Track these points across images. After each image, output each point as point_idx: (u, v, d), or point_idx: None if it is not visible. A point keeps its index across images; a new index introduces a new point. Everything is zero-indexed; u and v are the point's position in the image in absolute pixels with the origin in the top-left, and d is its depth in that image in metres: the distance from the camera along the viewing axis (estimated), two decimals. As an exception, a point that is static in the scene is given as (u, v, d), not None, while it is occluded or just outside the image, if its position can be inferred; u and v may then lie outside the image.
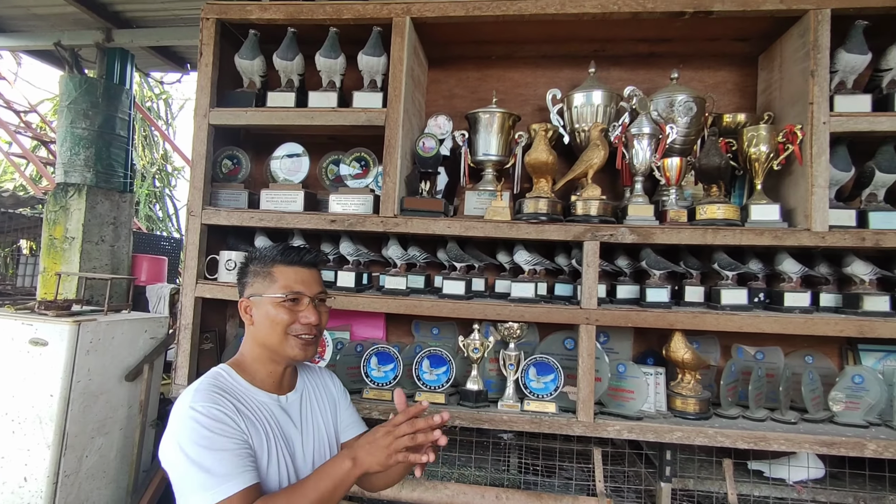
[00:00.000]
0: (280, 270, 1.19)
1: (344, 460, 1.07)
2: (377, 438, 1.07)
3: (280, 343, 1.17)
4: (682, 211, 1.88)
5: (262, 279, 1.20)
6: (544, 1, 1.92)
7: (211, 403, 1.06)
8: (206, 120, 2.09)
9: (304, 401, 1.27)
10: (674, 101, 1.98)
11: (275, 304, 1.17)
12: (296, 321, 1.17)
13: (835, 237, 1.78)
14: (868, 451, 1.74)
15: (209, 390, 1.09)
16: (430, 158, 2.01)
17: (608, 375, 1.93)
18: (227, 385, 1.14)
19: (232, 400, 1.10)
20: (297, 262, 1.21)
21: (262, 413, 1.15)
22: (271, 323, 1.17)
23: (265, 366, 1.20)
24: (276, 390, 1.21)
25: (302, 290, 1.19)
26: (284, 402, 1.22)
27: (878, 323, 1.78)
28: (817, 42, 1.80)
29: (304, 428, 1.23)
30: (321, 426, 1.27)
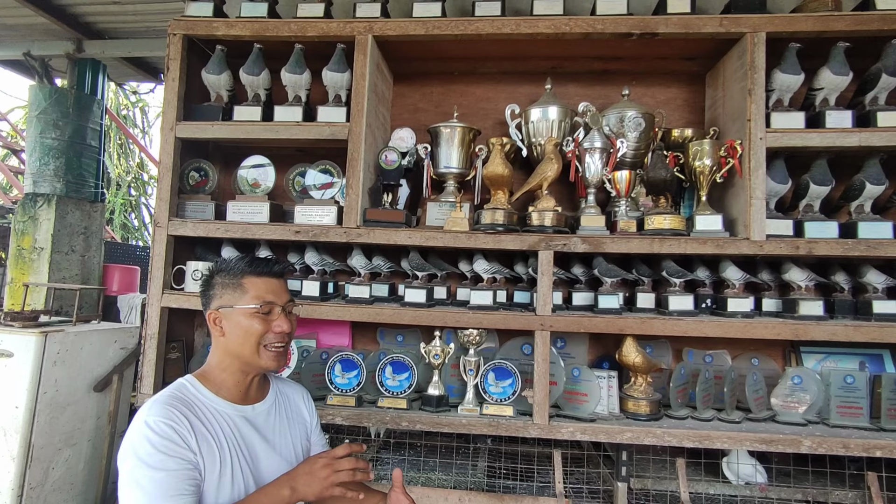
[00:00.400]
0: (250, 281, 1.21)
1: (283, 488, 1.10)
2: (316, 470, 1.11)
3: (253, 354, 1.18)
4: (631, 221, 1.98)
5: (231, 290, 1.20)
6: (500, 21, 2.02)
7: (164, 419, 1.07)
8: (173, 133, 2.13)
9: (273, 413, 1.28)
10: (624, 116, 2.08)
11: (248, 314, 1.18)
12: (269, 331, 1.19)
13: (772, 245, 1.90)
14: (804, 448, 1.84)
15: (168, 404, 1.10)
16: (393, 171, 2.08)
17: (563, 379, 2.01)
18: (190, 397, 1.15)
19: (189, 415, 1.11)
20: (266, 273, 1.23)
21: (223, 425, 1.15)
22: (245, 333, 1.18)
23: (233, 376, 1.21)
24: (242, 401, 1.22)
25: (273, 300, 1.21)
26: (251, 412, 1.23)
27: (812, 326, 1.89)
28: (754, 63, 1.93)
29: (271, 439, 1.24)
30: (289, 440, 1.28)
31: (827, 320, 1.93)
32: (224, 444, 1.14)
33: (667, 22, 1.97)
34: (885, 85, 1.94)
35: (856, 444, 1.82)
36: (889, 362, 2.18)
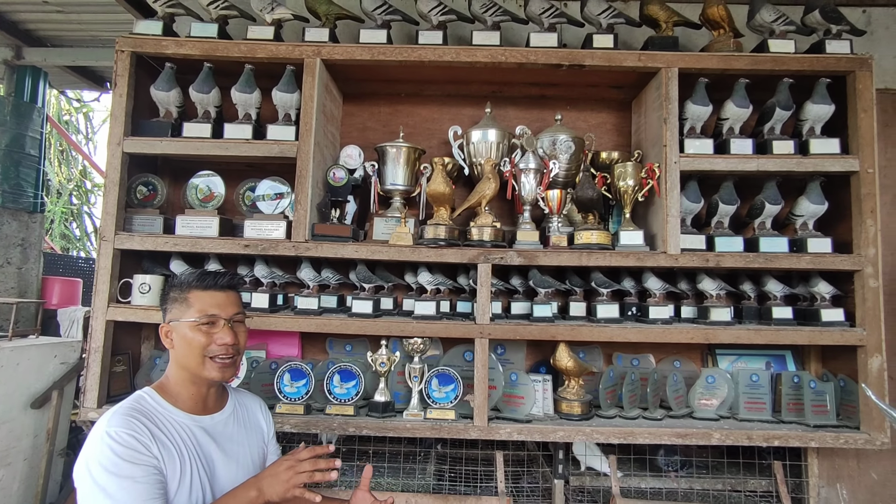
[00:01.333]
0: (195, 295, 1.25)
1: (250, 489, 1.16)
2: (279, 472, 1.18)
3: (198, 365, 1.23)
4: (562, 236, 2.15)
5: (179, 304, 1.26)
6: (441, 49, 2.16)
7: (126, 429, 1.11)
8: (121, 148, 2.15)
9: (231, 423, 1.32)
10: (556, 140, 2.27)
11: (191, 327, 1.23)
12: (212, 343, 1.23)
13: (686, 258, 2.11)
14: (714, 440, 2.05)
15: (127, 414, 1.14)
16: (341, 188, 2.18)
17: (502, 383, 2.15)
18: (148, 408, 1.19)
19: (149, 424, 1.15)
20: (211, 287, 1.27)
21: (181, 435, 1.20)
22: (189, 346, 1.23)
23: (187, 388, 1.26)
24: (200, 411, 1.27)
25: (216, 313, 1.25)
26: (208, 422, 1.27)
27: (721, 331, 2.11)
28: (668, 94, 2.15)
29: (228, 449, 1.28)
30: (246, 449, 1.33)
31: (733, 325, 2.16)
32: (183, 453, 1.18)
33: (592, 55, 2.17)
34: (779, 117, 2.20)
35: (758, 436, 2.04)
36: (791, 362, 2.44)
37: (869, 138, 2.12)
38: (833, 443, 2.04)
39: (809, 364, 2.40)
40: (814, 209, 2.21)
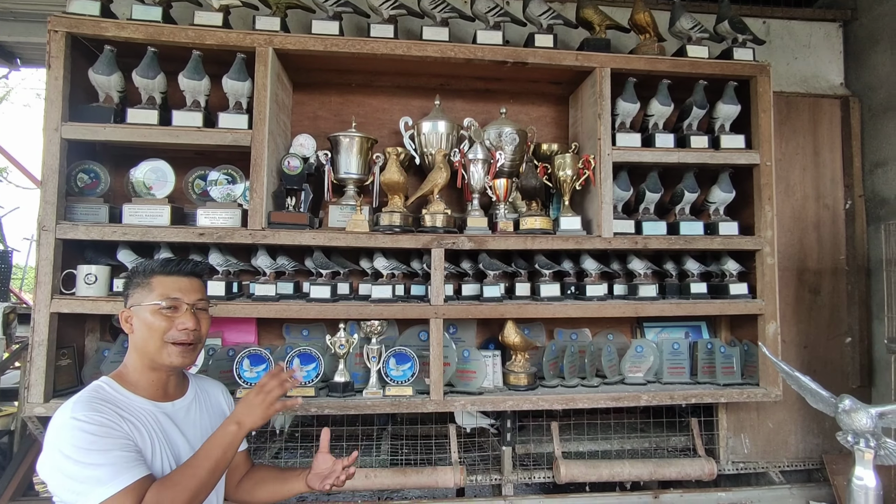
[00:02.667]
0: (158, 280, 1.25)
1: (229, 425, 1.20)
2: (251, 399, 1.24)
3: (158, 350, 1.22)
4: (509, 222, 2.32)
5: (141, 290, 1.25)
6: (393, 43, 2.24)
7: (93, 412, 1.10)
8: (59, 134, 2.06)
9: (193, 410, 1.32)
10: (502, 132, 2.42)
11: (153, 311, 1.22)
12: (172, 328, 1.23)
13: (618, 241, 2.34)
14: (643, 401, 2.32)
15: (89, 401, 1.14)
16: (296, 176, 2.22)
17: (455, 360, 2.30)
18: (108, 396, 1.19)
19: (114, 408, 1.15)
20: (175, 272, 1.27)
21: (146, 419, 1.19)
22: (149, 330, 1.22)
23: (146, 375, 1.25)
24: (161, 398, 1.26)
25: (179, 297, 1.25)
26: (170, 408, 1.27)
27: (648, 305, 2.38)
28: (602, 92, 2.36)
29: (191, 435, 1.28)
30: (208, 434, 1.30)
31: (658, 300, 2.43)
32: (152, 436, 1.19)
33: (535, 54, 2.33)
34: (695, 115, 2.48)
35: (678, 395, 2.33)
36: (705, 331, 2.77)
37: (767, 135, 2.44)
38: (738, 398, 2.36)
39: (720, 332, 2.74)
40: (724, 197, 2.52)
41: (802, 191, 2.87)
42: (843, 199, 2.89)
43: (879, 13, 2.85)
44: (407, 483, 2.35)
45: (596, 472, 2.45)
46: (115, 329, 2.35)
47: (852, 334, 2.83)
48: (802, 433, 2.75)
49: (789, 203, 2.84)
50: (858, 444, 1.31)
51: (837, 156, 2.91)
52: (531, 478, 2.51)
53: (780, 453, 2.73)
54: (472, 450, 2.64)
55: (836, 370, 2.82)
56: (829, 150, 2.91)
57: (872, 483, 1.27)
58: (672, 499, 2.54)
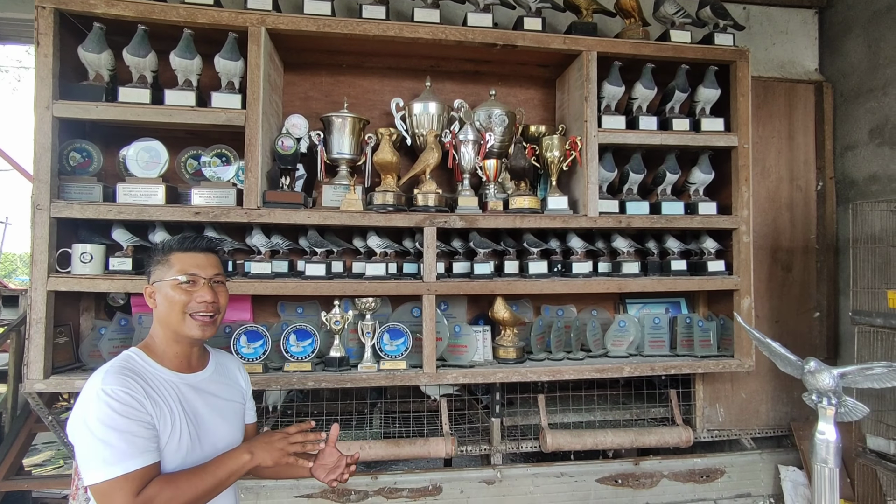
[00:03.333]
0: (177, 257, 1.31)
1: (243, 454, 1.27)
2: (274, 441, 1.30)
3: (179, 323, 1.28)
4: (498, 202, 2.39)
5: (162, 266, 1.31)
6: (385, 25, 2.27)
7: (121, 387, 1.16)
8: (50, 112, 2.06)
9: (215, 380, 1.39)
10: (491, 114, 2.48)
11: (172, 286, 1.28)
12: (192, 300, 1.28)
13: (603, 220, 2.44)
14: (625, 373, 2.43)
15: (120, 372, 1.19)
16: (289, 156, 2.25)
17: (447, 335, 2.38)
18: (137, 367, 1.25)
19: (140, 382, 1.20)
20: (192, 248, 1.33)
21: (169, 391, 1.26)
22: (170, 304, 1.28)
23: (171, 347, 1.31)
24: (185, 370, 1.33)
25: (197, 273, 1.30)
26: (193, 380, 1.33)
27: (631, 281, 2.49)
28: (588, 75, 2.42)
29: (213, 405, 1.34)
30: (229, 406, 1.39)
31: (641, 277, 2.54)
32: (172, 409, 1.25)
33: (524, 37, 2.39)
34: (678, 98, 2.57)
35: (659, 366, 2.46)
36: (684, 307, 2.90)
37: (745, 119, 2.55)
38: (714, 368, 2.50)
39: (699, 308, 2.87)
40: (704, 178, 2.62)
41: (777, 173, 3.00)
42: (815, 180, 3.03)
43: (853, 1, 2.96)
44: (400, 454, 2.44)
45: (580, 441, 2.58)
46: (110, 308, 2.37)
47: (820, 309, 3.00)
48: (773, 402, 2.92)
49: (765, 184, 2.96)
50: (822, 402, 1.43)
51: (811, 139, 3.04)
52: (519, 448, 2.62)
53: (752, 421, 2.90)
54: (462, 423, 2.74)
55: (805, 343, 2.98)
56: (803, 134, 3.03)
57: (833, 437, 1.40)
58: (651, 465, 2.69)
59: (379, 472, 2.49)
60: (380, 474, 2.47)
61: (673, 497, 2.67)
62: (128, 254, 2.21)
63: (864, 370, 1.42)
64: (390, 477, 2.46)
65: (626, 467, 2.67)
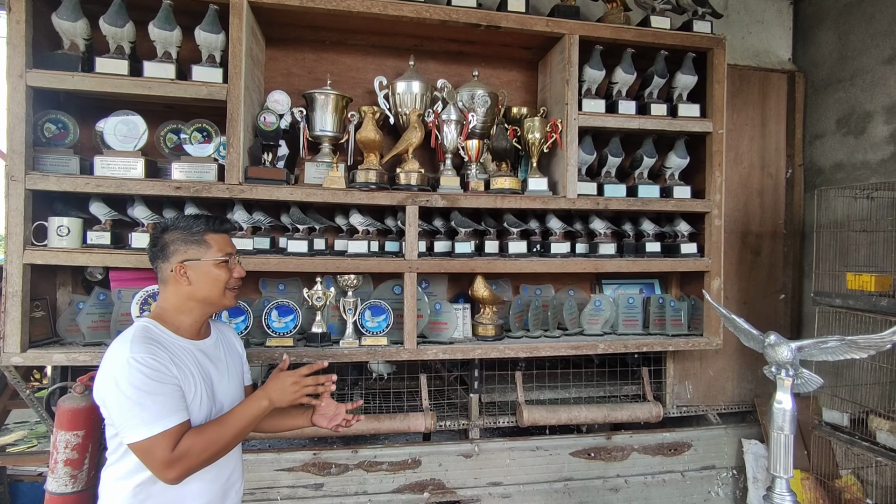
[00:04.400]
0: (212, 238, 1.44)
1: (261, 399, 1.39)
2: (286, 385, 1.42)
3: (220, 296, 1.44)
4: (480, 182, 2.42)
5: (196, 246, 1.42)
6: (369, 2, 2.26)
7: (148, 354, 1.27)
8: (23, 81, 2.01)
9: (219, 347, 1.52)
10: (474, 94, 2.50)
11: (216, 265, 1.42)
12: (230, 276, 1.45)
13: (581, 202, 2.50)
14: (599, 350, 2.52)
15: (144, 341, 1.30)
16: (272, 132, 2.24)
17: (428, 312, 2.43)
18: (156, 336, 1.35)
19: (163, 349, 1.32)
20: (221, 230, 1.48)
21: (187, 357, 1.38)
22: (214, 281, 1.42)
23: (191, 316, 1.43)
24: (196, 337, 1.46)
25: (231, 251, 1.48)
26: (203, 345, 1.46)
27: (606, 262, 2.56)
28: (570, 59, 2.46)
29: (221, 367, 1.48)
30: (233, 368, 1.54)
31: (616, 258, 2.61)
32: (193, 373, 1.37)
33: (507, 18, 2.40)
34: (656, 84, 2.62)
35: (631, 344, 2.55)
36: (658, 287, 3.00)
37: (720, 105, 2.62)
38: (684, 346, 2.61)
39: (671, 289, 2.97)
40: (679, 162, 2.70)
41: (750, 159, 3.09)
42: (784, 167, 3.14)
43: (827, -7, 3.05)
44: (381, 428, 2.50)
45: (555, 416, 2.67)
46: (88, 282, 2.35)
47: (786, 292, 3.13)
48: (738, 380, 3.06)
49: (737, 171, 3.06)
50: (780, 373, 1.52)
51: (782, 127, 3.14)
52: (496, 422, 2.70)
53: (719, 398, 3.03)
54: (441, 399, 2.81)
55: (771, 324, 3.11)
56: (775, 122, 3.13)
57: (790, 406, 1.49)
58: (623, 439, 2.80)
59: (359, 447, 2.54)
60: (360, 448, 2.52)
61: (642, 469, 2.79)
62: (106, 228, 2.19)
63: (820, 343, 1.51)
64: (370, 451, 2.51)
65: (599, 441, 2.78)
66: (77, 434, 2.05)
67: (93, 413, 2.08)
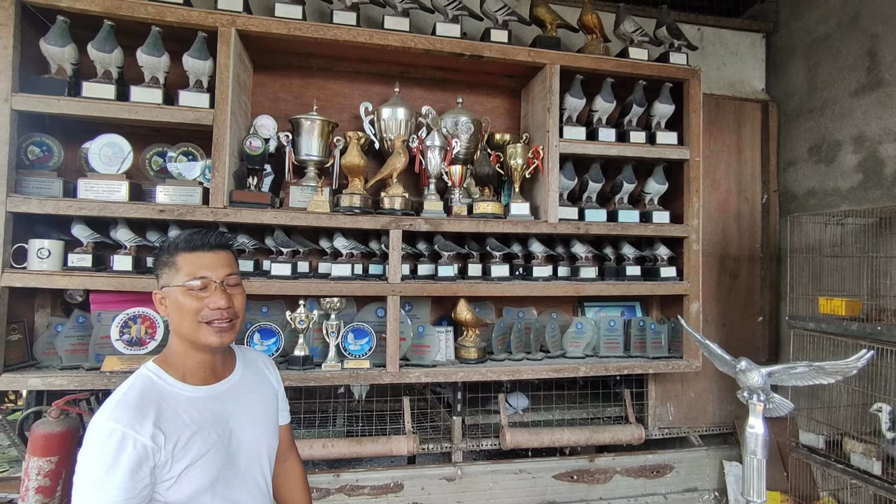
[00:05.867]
0: (183, 258, 1.18)
1: None
2: None
3: (193, 332, 1.16)
4: (463, 206, 2.47)
5: (168, 269, 1.19)
6: (356, 31, 2.32)
7: (124, 426, 1.05)
8: (9, 105, 2.02)
9: (243, 387, 1.28)
10: (458, 121, 2.56)
11: (182, 292, 1.16)
12: (204, 307, 1.16)
13: (562, 226, 2.55)
14: (581, 372, 2.54)
15: (129, 407, 1.08)
16: (257, 156, 2.27)
17: (411, 335, 2.44)
18: (152, 392, 1.14)
19: (153, 413, 1.09)
20: (199, 247, 1.20)
21: (192, 410, 1.15)
22: (181, 312, 1.16)
23: (191, 357, 1.19)
24: (210, 379, 1.22)
25: (207, 275, 1.17)
26: (221, 388, 1.23)
27: (587, 285, 2.60)
28: (551, 87, 2.53)
29: (247, 410, 1.25)
30: (260, 408, 1.29)
31: (597, 281, 2.66)
32: (195, 431, 1.14)
33: (490, 48, 2.47)
34: (635, 112, 2.70)
35: (612, 366, 2.58)
36: (639, 310, 3.04)
37: (697, 133, 2.70)
38: (664, 368, 2.64)
39: (652, 311, 3.01)
40: (658, 188, 2.77)
41: (727, 185, 3.18)
42: (760, 193, 3.23)
43: (796, 27, 3.18)
44: (363, 452, 2.48)
45: (538, 439, 2.67)
46: (67, 304, 2.33)
47: (764, 314, 3.19)
48: (719, 402, 3.09)
49: (715, 196, 3.14)
50: (752, 398, 1.56)
51: (757, 154, 3.24)
52: (479, 445, 2.70)
53: (700, 419, 3.06)
54: (424, 421, 2.80)
55: (750, 346, 3.17)
56: (751, 149, 3.23)
57: (761, 430, 1.53)
58: (605, 461, 2.81)
59: (341, 470, 2.52)
60: (342, 472, 2.50)
61: (625, 492, 2.80)
62: (88, 250, 2.19)
63: (789, 369, 1.55)
64: (352, 475, 2.49)
65: (582, 464, 2.78)
66: (50, 461, 2.01)
67: (67, 439, 2.05)
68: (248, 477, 1.23)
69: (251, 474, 1.24)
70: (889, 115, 2.63)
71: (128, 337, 2.11)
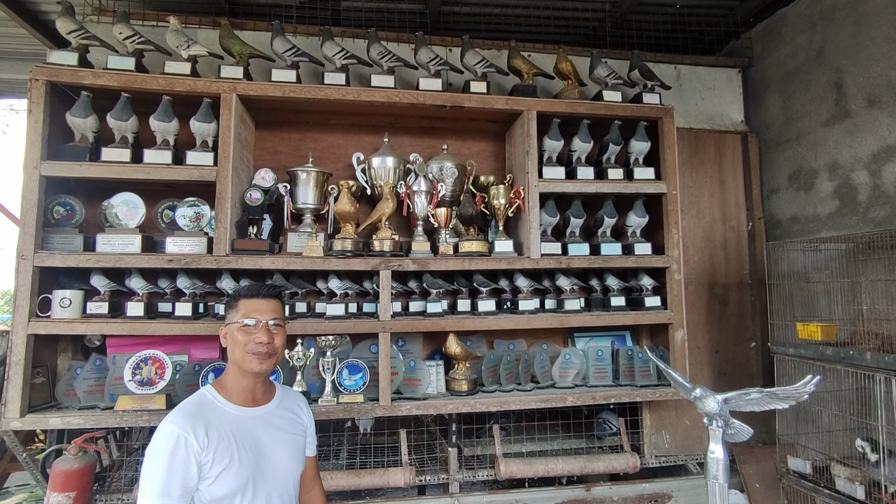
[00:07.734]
0: (243, 302, 1.54)
1: None
2: None
3: (242, 358, 1.50)
4: (449, 246, 2.62)
5: (232, 311, 1.55)
6: (345, 90, 2.55)
7: (180, 427, 1.37)
8: (38, 171, 2.27)
9: (276, 416, 1.57)
10: (443, 167, 2.74)
11: (238, 328, 1.51)
12: (251, 341, 1.49)
13: (545, 261, 2.68)
14: (568, 402, 2.63)
15: (186, 413, 1.41)
16: (257, 207, 2.48)
17: (403, 370, 2.57)
18: (205, 405, 1.46)
19: (203, 420, 1.41)
20: (255, 295, 1.55)
21: (233, 423, 1.46)
22: (234, 343, 1.51)
23: (239, 382, 1.52)
24: (250, 403, 1.53)
25: (256, 317, 1.52)
26: (257, 412, 1.53)
27: (572, 317, 2.71)
28: (529, 132, 2.71)
29: (277, 435, 1.53)
30: (289, 439, 1.57)
31: (582, 312, 2.76)
32: (232, 440, 1.43)
33: (470, 98, 2.68)
34: (612, 150, 2.85)
35: (600, 395, 2.65)
36: (629, 339, 3.12)
37: (672, 168, 2.83)
38: (652, 396, 2.70)
39: (642, 340, 3.09)
40: (639, 221, 2.89)
41: (711, 214, 3.28)
42: (745, 221, 3.32)
43: (770, 62, 3.33)
44: (361, 484, 2.59)
45: (532, 469, 2.74)
46: (86, 348, 2.54)
47: (756, 339, 3.23)
48: (715, 428, 3.11)
49: (700, 225, 3.24)
50: (711, 424, 1.63)
51: (740, 183, 3.35)
52: (475, 476, 2.77)
53: (696, 447, 3.08)
54: (423, 453, 2.89)
55: (744, 372, 3.20)
56: (733, 179, 3.34)
57: (721, 456, 1.60)
58: (602, 491, 2.85)
59: (341, 502, 2.62)
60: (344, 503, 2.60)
61: (623, 522, 2.82)
62: (105, 298, 2.40)
63: (743, 395, 1.63)
64: (351, 506, 2.59)
65: (578, 493, 2.82)
66: (69, 496, 2.18)
67: (85, 475, 2.22)
68: (274, 492, 1.49)
69: (276, 489, 1.49)
70: (858, 143, 2.73)
71: (139, 377, 2.29)
